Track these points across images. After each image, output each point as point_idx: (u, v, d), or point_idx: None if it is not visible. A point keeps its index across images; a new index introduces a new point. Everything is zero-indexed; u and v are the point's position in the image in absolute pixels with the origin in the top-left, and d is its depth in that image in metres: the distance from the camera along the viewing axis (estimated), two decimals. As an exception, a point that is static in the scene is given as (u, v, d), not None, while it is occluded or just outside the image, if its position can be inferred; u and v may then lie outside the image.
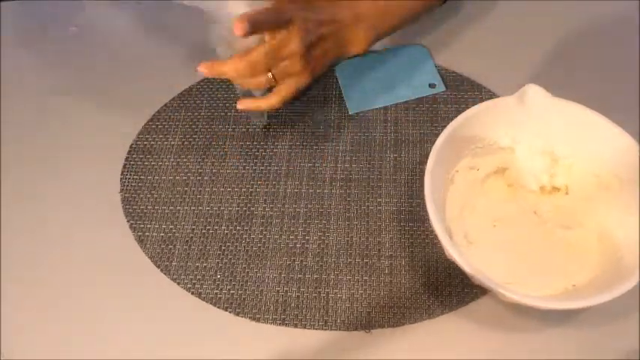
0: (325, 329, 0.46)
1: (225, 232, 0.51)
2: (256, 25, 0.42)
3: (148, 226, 0.52)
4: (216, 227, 0.51)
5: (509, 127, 0.48)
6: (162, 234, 0.51)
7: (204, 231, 0.51)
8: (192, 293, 0.48)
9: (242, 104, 0.49)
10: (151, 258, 0.50)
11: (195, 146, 0.56)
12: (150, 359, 0.45)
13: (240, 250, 0.50)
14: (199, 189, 0.54)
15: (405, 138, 0.55)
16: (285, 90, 0.47)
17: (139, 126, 0.58)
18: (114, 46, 0.64)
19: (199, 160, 0.55)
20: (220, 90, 0.59)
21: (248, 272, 0.49)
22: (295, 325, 0.46)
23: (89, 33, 0.65)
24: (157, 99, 0.59)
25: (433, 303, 0.47)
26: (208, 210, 0.52)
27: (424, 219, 0.50)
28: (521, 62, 0.59)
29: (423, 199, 0.42)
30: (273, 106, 0.48)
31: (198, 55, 0.62)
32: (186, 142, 0.57)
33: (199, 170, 0.55)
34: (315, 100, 0.58)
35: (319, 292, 0.48)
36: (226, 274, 0.49)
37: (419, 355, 0.45)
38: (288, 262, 0.49)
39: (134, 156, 0.56)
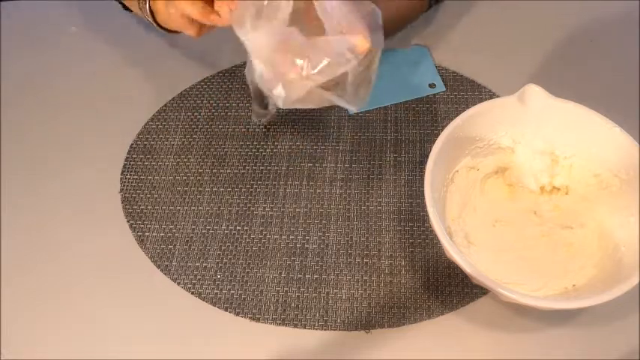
0: (325, 329, 0.46)
1: (225, 232, 0.51)
2: None
3: (148, 226, 0.52)
4: (216, 227, 0.51)
5: (509, 127, 0.48)
6: (162, 234, 0.51)
7: (204, 231, 0.51)
8: (192, 293, 0.48)
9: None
10: (150, 258, 0.50)
11: (195, 146, 0.56)
12: (150, 359, 0.45)
13: (240, 250, 0.50)
14: (199, 189, 0.54)
15: (405, 138, 0.55)
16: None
17: (139, 126, 0.58)
18: (114, 47, 0.64)
19: (199, 160, 0.55)
20: (220, 90, 0.59)
21: (248, 272, 0.49)
22: (295, 325, 0.46)
23: (89, 33, 0.65)
24: (157, 99, 0.59)
25: (433, 303, 0.46)
26: (208, 210, 0.52)
27: (424, 219, 0.50)
28: (521, 62, 0.59)
29: (423, 199, 0.42)
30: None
31: (199, 56, 0.62)
32: (186, 142, 0.57)
33: (199, 170, 0.55)
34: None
35: (319, 292, 0.48)
36: (226, 274, 0.49)
37: (419, 355, 0.45)
38: (288, 262, 0.49)
39: (134, 156, 0.56)
